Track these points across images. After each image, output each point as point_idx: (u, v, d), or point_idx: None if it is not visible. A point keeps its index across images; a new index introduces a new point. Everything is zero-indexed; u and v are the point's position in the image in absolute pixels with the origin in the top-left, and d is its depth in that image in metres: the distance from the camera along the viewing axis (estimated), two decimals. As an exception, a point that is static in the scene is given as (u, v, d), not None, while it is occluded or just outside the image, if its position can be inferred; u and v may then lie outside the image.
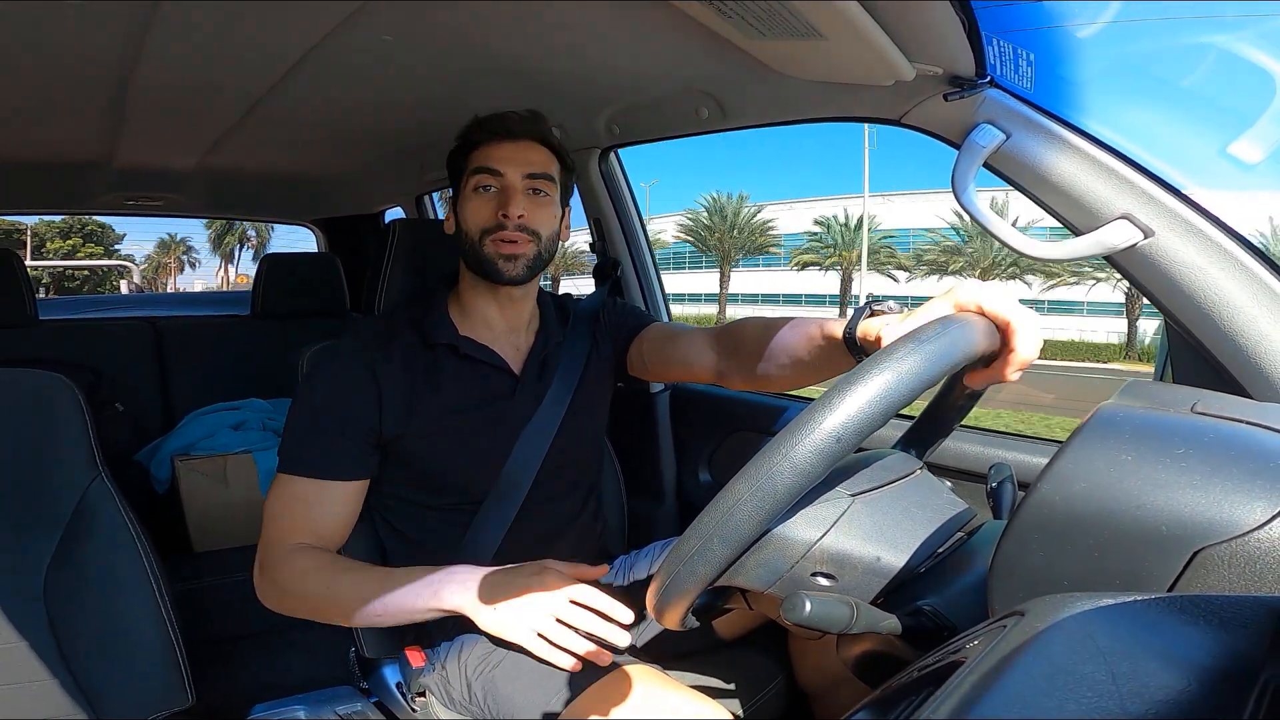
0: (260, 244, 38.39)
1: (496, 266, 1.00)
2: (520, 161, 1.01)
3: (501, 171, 1.01)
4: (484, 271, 1.02)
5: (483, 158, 1.02)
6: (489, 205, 1.01)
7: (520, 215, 0.99)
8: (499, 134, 1.02)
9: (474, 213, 1.01)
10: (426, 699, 1.01)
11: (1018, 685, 0.30)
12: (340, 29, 0.96)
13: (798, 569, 0.56)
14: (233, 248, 40.40)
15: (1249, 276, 0.77)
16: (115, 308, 2.56)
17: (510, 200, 0.99)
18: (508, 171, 1.01)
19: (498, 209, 1.00)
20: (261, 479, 1.93)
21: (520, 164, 1.01)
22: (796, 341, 0.88)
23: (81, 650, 0.98)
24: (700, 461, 1.55)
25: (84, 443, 1.03)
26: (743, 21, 0.83)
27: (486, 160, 1.01)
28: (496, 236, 0.99)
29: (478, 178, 1.01)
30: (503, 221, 0.99)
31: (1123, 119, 0.84)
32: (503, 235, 0.99)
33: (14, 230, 30.38)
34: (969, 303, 0.62)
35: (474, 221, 1.01)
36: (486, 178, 1.01)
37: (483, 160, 1.02)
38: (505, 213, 0.99)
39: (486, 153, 1.02)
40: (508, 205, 0.99)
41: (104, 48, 1.02)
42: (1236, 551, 0.42)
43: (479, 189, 1.01)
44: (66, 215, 29.37)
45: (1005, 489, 0.69)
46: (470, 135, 1.05)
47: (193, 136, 1.58)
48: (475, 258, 1.02)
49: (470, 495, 1.04)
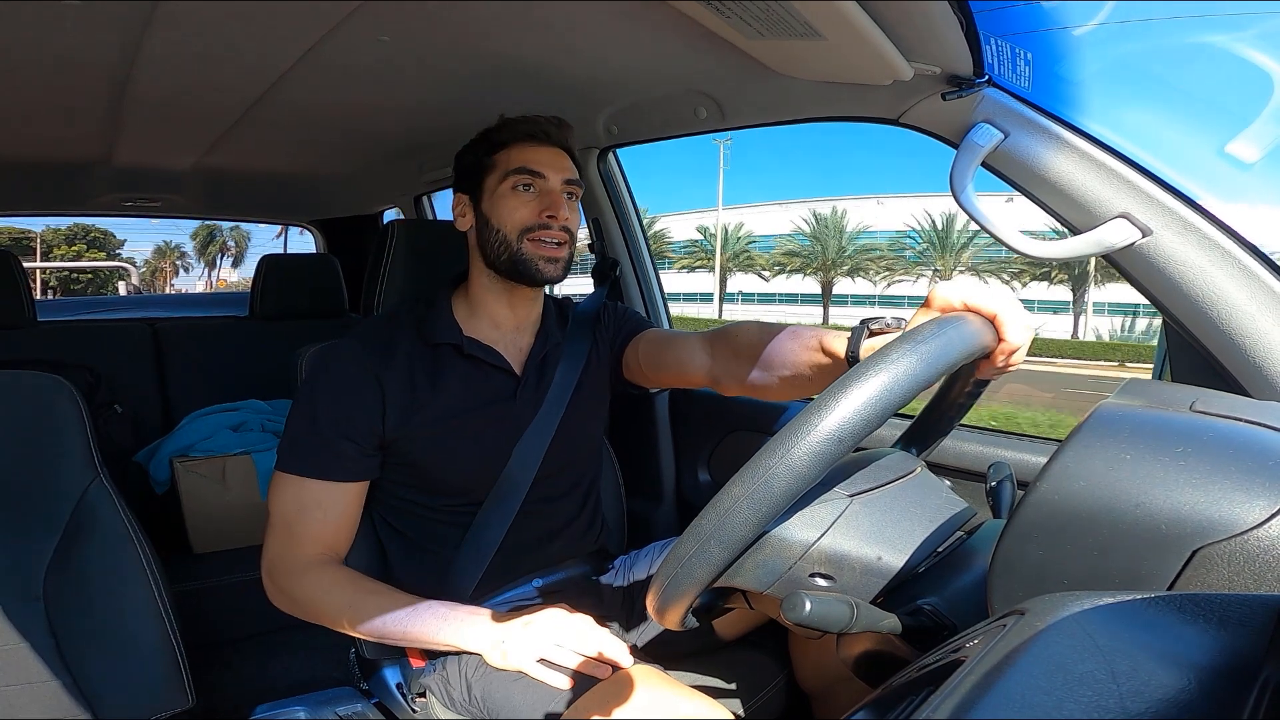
0: (239, 252, 40.22)
1: (536, 267, 1.01)
2: (560, 167, 1.04)
3: (545, 175, 1.02)
4: (518, 270, 1.02)
5: (522, 158, 1.02)
6: (530, 205, 1.01)
7: (566, 218, 1.02)
8: (538, 137, 1.04)
9: (512, 211, 1.01)
10: (427, 700, 1.01)
11: (1018, 684, 0.30)
12: (338, 30, 0.96)
13: (796, 570, 0.56)
14: (215, 255, 41.22)
15: (1247, 275, 0.77)
16: (113, 309, 2.56)
17: (557, 203, 1.01)
18: (550, 175, 1.02)
19: (541, 210, 1.01)
20: (260, 480, 1.93)
21: (560, 169, 1.04)
22: (798, 355, 0.87)
23: (81, 651, 0.98)
24: (699, 461, 1.55)
25: (83, 444, 1.03)
26: (741, 21, 0.83)
27: (529, 161, 1.02)
28: (538, 235, 1.01)
29: (517, 177, 1.02)
30: (548, 222, 1.00)
31: (1120, 118, 0.84)
32: (547, 235, 1.01)
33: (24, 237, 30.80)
34: (955, 302, 0.63)
35: (513, 220, 1.01)
36: (527, 178, 1.02)
37: (522, 161, 1.02)
38: (553, 214, 1.00)
39: (525, 154, 1.03)
40: (556, 208, 1.01)
41: (102, 48, 1.02)
42: (1236, 550, 0.42)
43: (518, 188, 1.02)
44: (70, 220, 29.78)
45: (1004, 488, 0.69)
46: (500, 134, 1.05)
47: (191, 137, 1.58)
48: (507, 256, 1.02)
49: (471, 496, 1.04)
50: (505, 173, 1.02)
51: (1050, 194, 0.86)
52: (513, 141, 1.04)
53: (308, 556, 0.95)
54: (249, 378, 2.22)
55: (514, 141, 1.04)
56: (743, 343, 0.98)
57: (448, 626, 0.90)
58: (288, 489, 0.96)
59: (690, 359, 1.06)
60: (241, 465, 1.92)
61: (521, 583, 1.08)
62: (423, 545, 1.03)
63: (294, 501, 0.96)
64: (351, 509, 0.99)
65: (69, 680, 0.97)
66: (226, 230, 38.52)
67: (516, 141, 1.04)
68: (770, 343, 0.91)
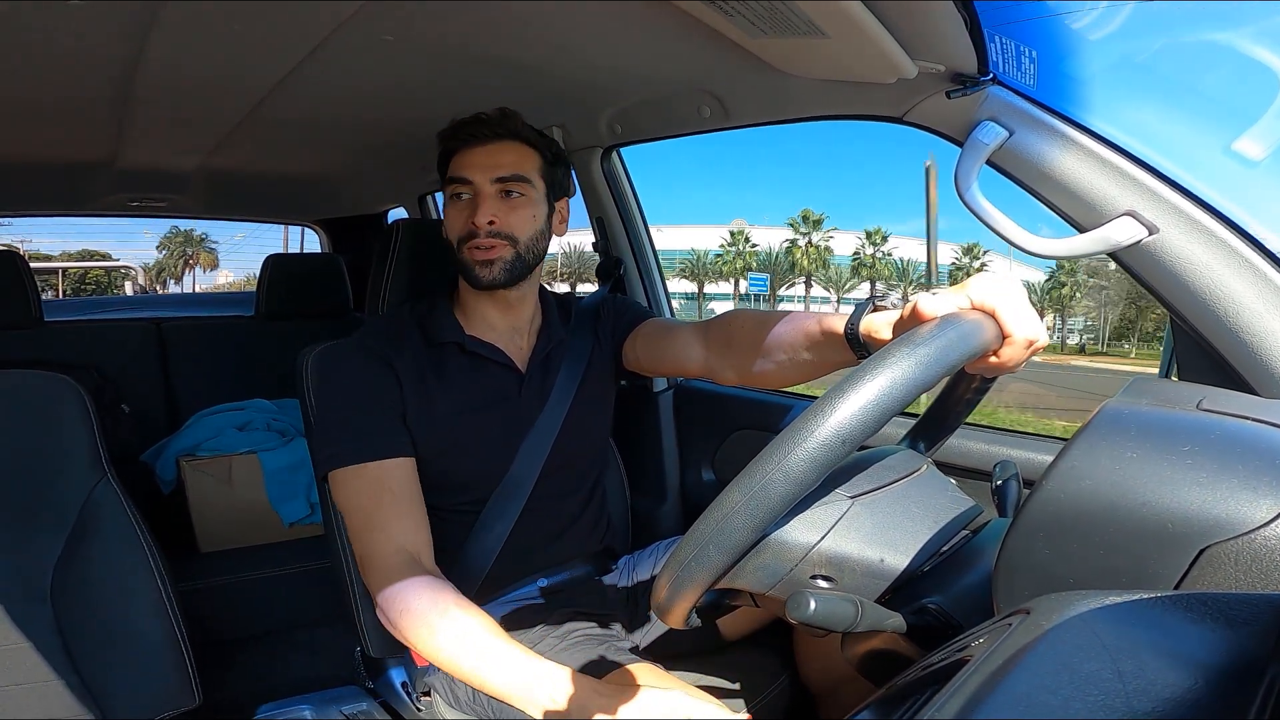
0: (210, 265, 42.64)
1: (475, 273, 1.01)
2: (488, 166, 1.01)
3: (470, 179, 1.01)
4: (466, 278, 1.03)
5: (455, 166, 1.02)
6: (462, 214, 1.01)
7: (491, 221, 0.99)
8: (466, 140, 1.02)
9: (450, 222, 1.03)
10: (431, 698, 1.01)
11: (1023, 683, 0.30)
12: (342, 29, 0.96)
13: (797, 572, 0.56)
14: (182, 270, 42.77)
15: (1254, 272, 0.77)
16: (119, 309, 2.57)
17: (479, 207, 1.00)
18: (475, 178, 1.01)
19: (469, 217, 1.00)
20: (266, 479, 1.93)
21: (488, 169, 1.01)
22: (794, 338, 0.85)
23: (88, 650, 0.99)
24: (703, 460, 1.55)
25: (90, 444, 1.03)
26: (744, 20, 0.83)
27: (458, 169, 1.02)
28: (470, 244, 1.00)
29: (451, 187, 1.02)
30: (474, 229, 0.99)
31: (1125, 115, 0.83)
32: (475, 243, 1.00)
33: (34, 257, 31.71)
34: (968, 298, 0.60)
35: (451, 231, 1.03)
36: (458, 186, 1.02)
37: (454, 169, 1.02)
38: (474, 221, 0.99)
39: (458, 161, 1.02)
40: (477, 212, 0.99)
41: (107, 49, 1.03)
42: (1243, 549, 0.41)
43: (454, 198, 1.03)
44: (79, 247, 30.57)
45: (1010, 486, 0.69)
46: (446, 144, 1.05)
47: (196, 137, 1.58)
48: (458, 265, 1.03)
49: (475, 494, 1.04)
50: (445, 182, 1.04)
51: (1055, 192, 0.85)
52: (456, 149, 1.03)
53: (393, 554, 0.92)
54: (254, 377, 2.23)
55: (456, 149, 1.03)
56: (739, 331, 0.97)
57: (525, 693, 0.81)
58: (348, 485, 0.95)
59: (686, 350, 1.05)
60: (247, 464, 1.93)
61: (526, 582, 1.08)
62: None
63: (362, 493, 0.94)
64: (416, 491, 0.97)
65: (76, 679, 0.97)
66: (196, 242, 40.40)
67: (457, 148, 1.03)
68: (768, 330, 0.90)
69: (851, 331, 0.74)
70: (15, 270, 1.93)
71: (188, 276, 42.21)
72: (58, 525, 1.01)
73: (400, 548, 0.93)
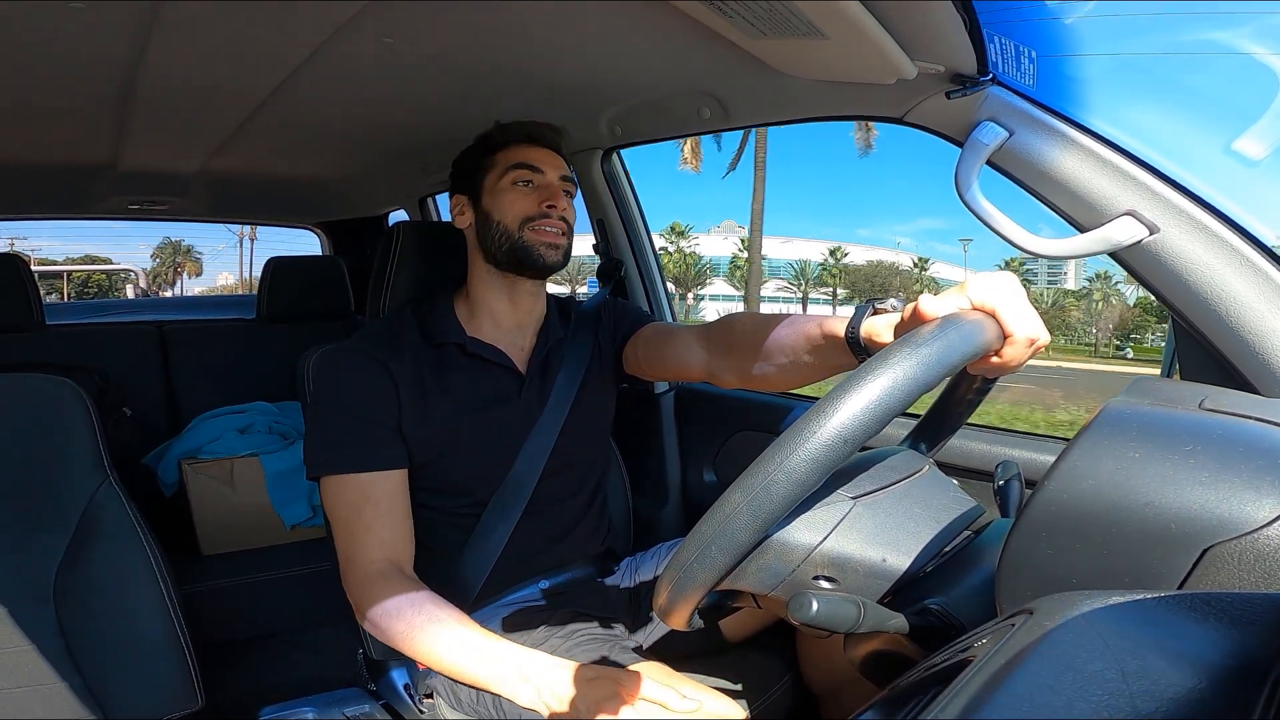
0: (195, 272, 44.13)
1: (539, 253, 1.04)
2: (556, 165, 1.09)
3: (543, 170, 1.07)
4: (519, 260, 1.05)
5: (520, 156, 1.07)
6: (529, 197, 1.06)
7: (564, 209, 1.07)
8: (535, 139, 1.09)
9: (512, 204, 1.06)
10: (434, 700, 1.01)
11: (1026, 684, 0.30)
12: (343, 32, 0.97)
13: (799, 573, 0.56)
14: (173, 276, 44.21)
15: (1255, 272, 0.77)
16: (121, 312, 2.57)
17: (556, 194, 1.06)
18: (548, 171, 1.08)
19: (541, 201, 1.05)
20: (268, 482, 1.93)
21: (556, 167, 1.09)
22: (795, 341, 0.86)
23: (91, 653, 0.99)
24: (705, 461, 1.55)
25: (92, 446, 1.03)
26: (743, 21, 0.83)
27: (528, 158, 1.07)
28: (539, 224, 1.04)
29: (517, 172, 1.06)
30: (548, 212, 1.05)
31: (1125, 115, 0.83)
32: (547, 224, 1.05)
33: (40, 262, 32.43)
34: (968, 299, 0.60)
35: (514, 211, 1.05)
36: (526, 173, 1.06)
37: (521, 158, 1.07)
38: (552, 204, 1.05)
39: (522, 152, 1.08)
40: (556, 198, 1.06)
41: (108, 51, 1.03)
42: (1246, 548, 0.41)
43: (518, 183, 1.06)
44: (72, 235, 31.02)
45: (1012, 487, 0.68)
46: (498, 136, 1.10)
47: (197, 140, 1.58)
48: (509, 247, 1.05)
49: (476, 496, 1.04)
50: (505, 169, 1.07)
51: (1056, 192, 0.85)
52: (510, 143, 1.09)
53: (372, 562, 0.95)
54: (256, 380, 2.23)
55: (511, 143, 1.09)
56: (740, 334, 0.97)
57: (508, 682, 0.86)
58: (334, 492, 0.97)
59: (687, 353, 1.05)
60: (249, 467, 1.93)
61: (528, 584, 1.08)
62: (427, 546, 1.03)
63: (345, 503, 0.96)
64: (401, 502, 0.99)
65: (78, 682, 0.97)
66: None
67: (513, 143, 1.09)
68: (768, 333, 0.90)
69: (852, 335, 0.75)
70: (16, 273, 1.93)
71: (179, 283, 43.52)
72: (60, 528, 1.01)
73: (379, 556, 0.95)
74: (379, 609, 0.91)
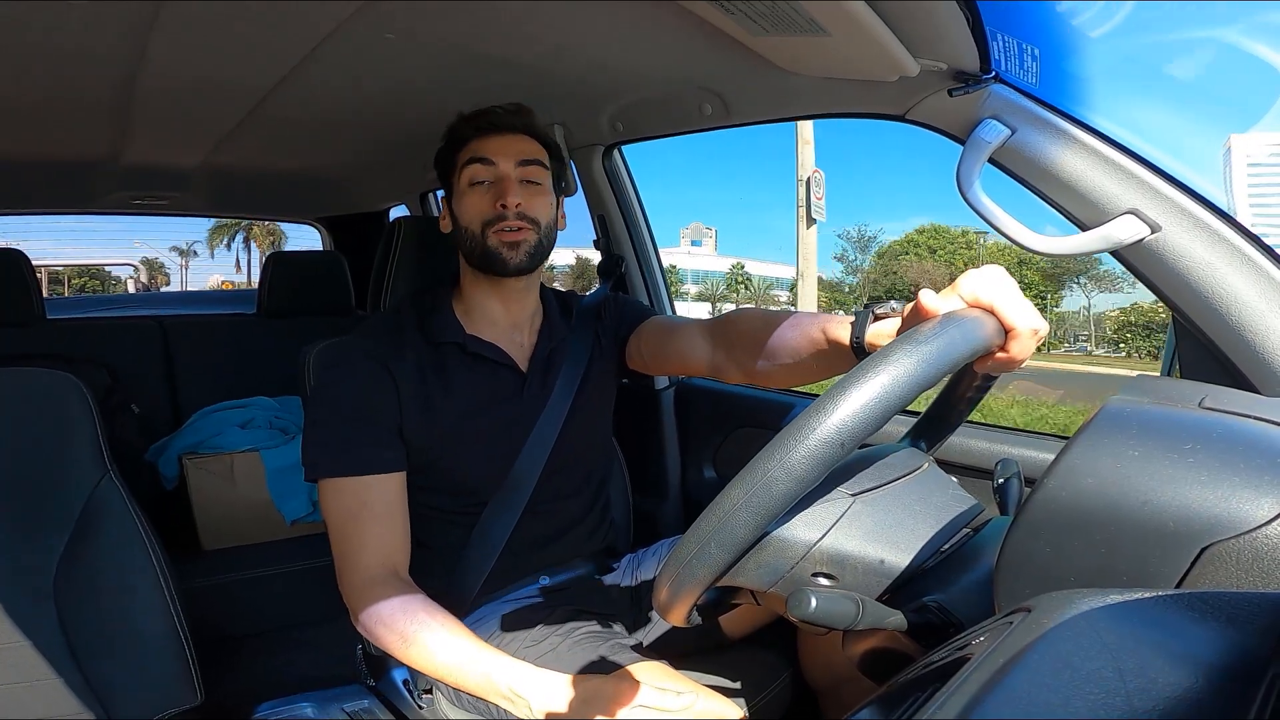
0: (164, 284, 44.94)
1: (500, 256, 1.01)
2: (511, 151, 1.03)
3: (494, 160, 1.02)
4: (488, 264, 1.02)
5: (473, 150, 1.03)
6: (486, 197, 1.01)
7: (518, 204, 1.00)
8: (486, 128, 1.04)
9: (471, 206, 1.02)
10: (434, 696, 1.01)
11: (1024, 681, 0.30)
12: (343, 27, 0.96)
13: (798, 570, 0.56)
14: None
15: (1256, 271, 0.76)
16: (122, 306, 2.57)
17: (507, 190, 1.00)
18: (500, 161, 1.02)
19: (495, 200, 1.00)
20: (269, 477, 1.94)
21: (512, 153, 1.03)
22: (799, 343, 0.86)
23: (90, 648, 0.99)
24: (705, 458, 1.55)
25: (92, 441, 1.03)
26: (746, 18, 0.83)
27: (480, 150, 1.02)
28: (498, 227, 1.00)
29: (472, 169, 1.02)
30: (502, 211, 1.00)
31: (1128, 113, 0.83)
32: (504, 224, 1.00)
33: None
34: (961, 297, 0.60)
35: (473, 214, 1.02)
36: (480, 169, 1.02)
37: (476, 150, 1.03)
38: (504, 202, 1.00)
39: (479, 144, 1.03)
40: (505, 195, 1.00)
41: (109, 47, 1.03)
42: (1245, 548, 0.41)
43: (474, 183, 1.02)
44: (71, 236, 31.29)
45: (1012, 485, 0.68)
46: (458, 132, 1.05)
47: (198, 135, 1.58)
48: (477, 251, 1.02)
49: (478, 495, 1.04)
50: (462, 168, 1.03)
51: (1058, 190, 0.85)
52: (470, 137, 1.04)
53: (368, 567, 0.93)
54: (257, 375, 2.23)
55: (471, 137, 1.04)
56: (744, 331, 0.96)
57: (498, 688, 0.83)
58: (331, 495, 0.96)
59: (691, 348, 1.05)
60: (249, 462, 1.93)
61: (528, 582, 1.08)
62: (427, 545, 1.03)
63: (342, 506, 0.95)
64: (398, 505, 0.98)
65: (78, 677, 0.97)
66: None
67: (473, 137, 1.04)
68: (771, 331, 0.90)
69: (858, 344, 0.75)
70: (17, 267, 1.93)
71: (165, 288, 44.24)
72: (60, 523, 1.01)
73: (374, 560, 0.93)
74: (372, 615, 0.90)
